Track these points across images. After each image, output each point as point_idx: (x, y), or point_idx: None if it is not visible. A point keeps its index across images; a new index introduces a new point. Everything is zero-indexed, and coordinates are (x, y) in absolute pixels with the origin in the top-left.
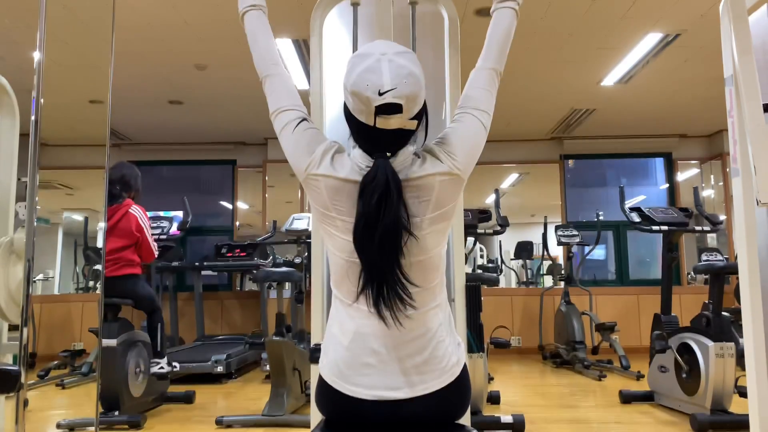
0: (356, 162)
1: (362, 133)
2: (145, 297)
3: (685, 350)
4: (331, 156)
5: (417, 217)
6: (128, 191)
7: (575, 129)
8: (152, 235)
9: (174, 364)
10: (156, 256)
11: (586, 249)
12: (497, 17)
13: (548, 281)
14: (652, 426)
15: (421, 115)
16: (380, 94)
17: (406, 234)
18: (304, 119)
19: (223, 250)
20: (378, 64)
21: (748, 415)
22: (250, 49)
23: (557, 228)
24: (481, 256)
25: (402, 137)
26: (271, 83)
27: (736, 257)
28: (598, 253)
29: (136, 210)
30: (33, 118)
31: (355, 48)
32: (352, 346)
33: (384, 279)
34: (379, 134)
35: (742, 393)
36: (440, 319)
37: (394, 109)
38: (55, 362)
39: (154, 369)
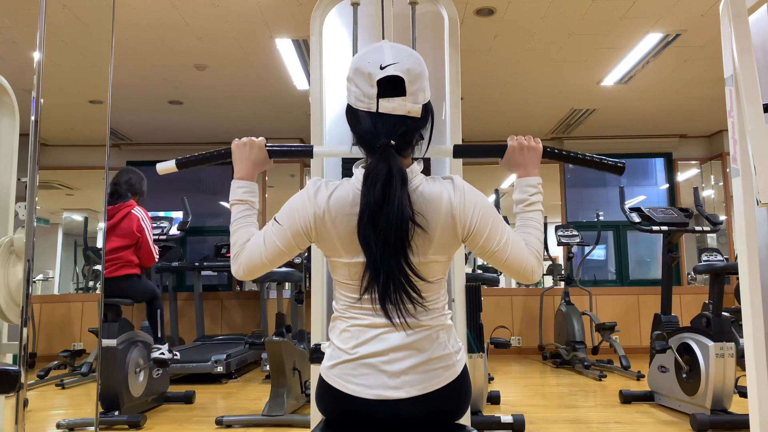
0: (356, 185)
1: (365, 126)
2: (145, 293)
3: (685, 350)
4: (325, 187)
5: (417, 248)
6: (134, 193)
7: (575, 129)
8: (153, 238)
9: (175, 352)
10: (156, 260)
11: (586, 249)
12: (528, 220)
13: (548, 281)
14: (652, 426)
15: (427, 113)
16: (382, 68)
17: (413, 226)
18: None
19: (223, 250)
20: (380, 47)
21: (748, 415)
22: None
23: (557, 228)
24: None
25: (406, 129)
26: (244, 251)
27: (736, 257)
28: (598, 253)
29: (138, 211)
30: (33, 118)
31: (355, 48)
32: (353, 346)
33: (390, 272)
34: (383, 123)
35: (742, 393)
36: (441, 320)
37: (396, 88)
38: (55, 362)
39: (155, 354)
